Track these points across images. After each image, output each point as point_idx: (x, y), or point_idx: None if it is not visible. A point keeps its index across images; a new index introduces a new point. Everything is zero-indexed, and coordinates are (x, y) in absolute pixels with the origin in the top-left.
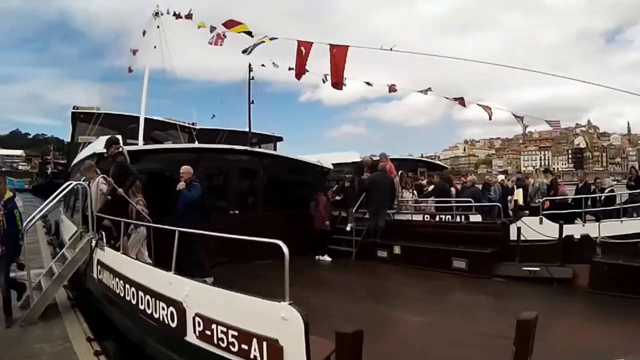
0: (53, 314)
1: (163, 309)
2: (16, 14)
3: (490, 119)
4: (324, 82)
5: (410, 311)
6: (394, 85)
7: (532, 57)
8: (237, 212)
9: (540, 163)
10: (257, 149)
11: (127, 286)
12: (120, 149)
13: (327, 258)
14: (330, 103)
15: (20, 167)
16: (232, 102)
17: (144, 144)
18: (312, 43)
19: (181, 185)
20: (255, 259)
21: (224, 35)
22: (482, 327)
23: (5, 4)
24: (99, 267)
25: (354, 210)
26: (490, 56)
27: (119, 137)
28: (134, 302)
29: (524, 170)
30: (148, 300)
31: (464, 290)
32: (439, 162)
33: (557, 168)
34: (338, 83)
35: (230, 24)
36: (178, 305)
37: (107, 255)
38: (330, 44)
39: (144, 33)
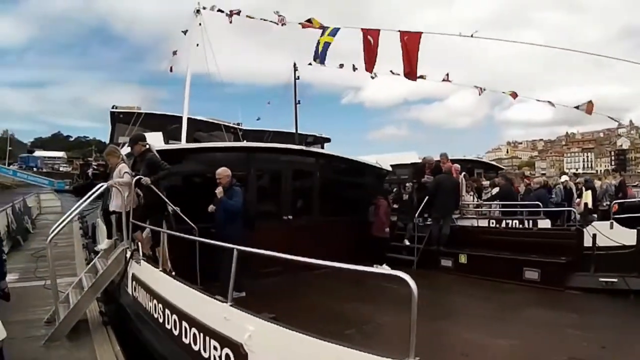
0: (81, 332)
1: (215, 348)
2: (57, 20)
3: (554, 106)
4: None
5: (490, 332)
6: (448, 80)
7: (575, 56)
8: (290, 217)
9: (584, 165)
10: (313, 149)
11: (167, 312)
12: (147, 146)
13: (385, 267)
14: (372, 105)
15: (61, 169)
16: (275, 104)
17: None
18: (379, 31)
19: (219, 193)
20: (312, 268)
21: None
22: (574, 350)
23: (46, 11)
24: (133, 282)
25: (413, 223)
26: (533, 55)
27: (159, 134)
28: (175, 332)
29: (567, 172)
30: (195, 334)
31: (541, 304)
32: (495, 163)
33: (600, 170)
34: (411, 73)
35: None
36: (237, 348)
37: (144, 271)
38: (400, 31)
39: (185, 32)
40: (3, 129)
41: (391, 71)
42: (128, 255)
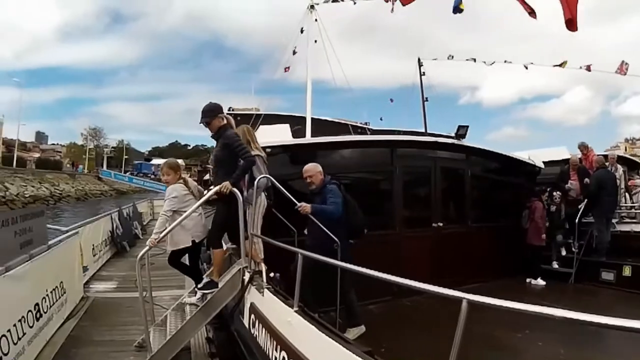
0: None
1: None
2: (168, 38)
3: None
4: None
5: None
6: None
7: None
8: (440, 224)
9: None
10: (466, 143)
11: None
12: (226, 120)
13: (540, 282)
14: (489, 104)
15: None
16: (396, 104)
17: None
18: None
19: (302, 209)
20: (462, 283)
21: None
22: None
23: (156, 30)
24: (252, 316)
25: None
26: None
27: (286, 126)
28: None
29: None
30: None
31: None
32: (636, 159)
33: None
34: (572, 22)
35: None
36: None
37: (268, 305)
38: None
39: (302, 30)
40: (119, 139)
41: (525, 66)
42: (246, 278)
